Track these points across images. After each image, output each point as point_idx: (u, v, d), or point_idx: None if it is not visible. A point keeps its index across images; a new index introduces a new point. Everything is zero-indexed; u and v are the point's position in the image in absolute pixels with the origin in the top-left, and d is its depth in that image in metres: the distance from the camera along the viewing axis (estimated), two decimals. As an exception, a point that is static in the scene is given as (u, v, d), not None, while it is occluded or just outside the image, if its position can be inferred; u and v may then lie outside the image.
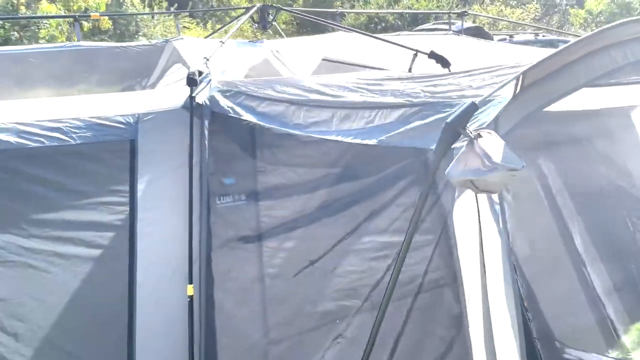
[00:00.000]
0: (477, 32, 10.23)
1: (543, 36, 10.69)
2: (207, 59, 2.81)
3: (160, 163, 2.58)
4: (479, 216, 1.23)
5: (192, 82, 2.62)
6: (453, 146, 1.21)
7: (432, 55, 3.33)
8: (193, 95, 2.62)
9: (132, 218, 2.51)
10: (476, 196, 1.25)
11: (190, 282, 2.51)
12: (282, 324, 2.78)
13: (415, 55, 3.40)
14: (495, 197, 1.25)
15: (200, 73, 2.67)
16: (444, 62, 3.32)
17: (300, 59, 3.68)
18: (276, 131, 2.31)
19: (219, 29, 7.09)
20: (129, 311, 2.48)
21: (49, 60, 3.28)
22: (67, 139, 2.39)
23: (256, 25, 3.57)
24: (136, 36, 10.87)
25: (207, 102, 2.65)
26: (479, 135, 1.19)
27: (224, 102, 2.60)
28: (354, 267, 3.01)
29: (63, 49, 3.51)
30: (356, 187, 2.98)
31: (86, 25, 8.25)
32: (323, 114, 2.06)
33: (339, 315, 2.94)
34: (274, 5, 3.89)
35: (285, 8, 4.35)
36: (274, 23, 3.65)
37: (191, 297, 2.50)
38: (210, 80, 2.75)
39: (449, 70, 3.26)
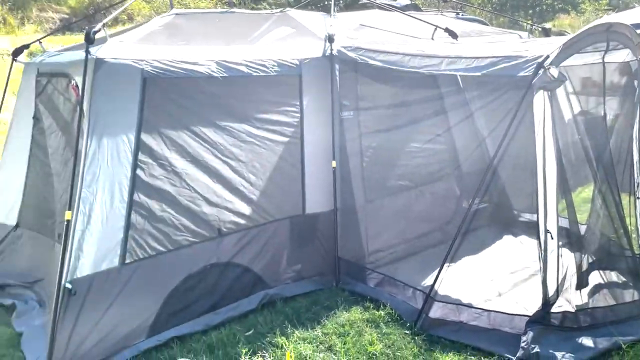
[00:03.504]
0: (415, 8, 12.35)
1: (462, 15, 13.03)
2: (332, 25, 4.51)
3: (314, 88, 4.30)
4: (544, 107, 3.20)
5: (331, 39, 4.34)
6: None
7: (447, 30, 5.24)
8: (332, 49, 4.33)
9: (301, 119, 4.23)
10: (543, 94, 3.21)
11: (334, 158, 4.31)
12: (373, 188, 4.64)
13: (435, 29, 5.28)
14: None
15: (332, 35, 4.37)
16: (454, 34, 5.24)
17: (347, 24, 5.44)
18: (397, 71, 4.10)
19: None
20: (301, 173, 4.24)
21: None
22: (269, 71, 4.04)
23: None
24: None
25: (337, 54, 4.37)
26: (549, 68, 3.15)
27: (350, 54, 4.35)
28: (408, 162, 4.93)
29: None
30: (413, 112, 4.85)
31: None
32: (433, 61, 3.90)
33: (400, 189, 4.85)
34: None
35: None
36: None
37: (334, 168, 4.31)
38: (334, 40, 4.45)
39: (457, 41, 5.20)
